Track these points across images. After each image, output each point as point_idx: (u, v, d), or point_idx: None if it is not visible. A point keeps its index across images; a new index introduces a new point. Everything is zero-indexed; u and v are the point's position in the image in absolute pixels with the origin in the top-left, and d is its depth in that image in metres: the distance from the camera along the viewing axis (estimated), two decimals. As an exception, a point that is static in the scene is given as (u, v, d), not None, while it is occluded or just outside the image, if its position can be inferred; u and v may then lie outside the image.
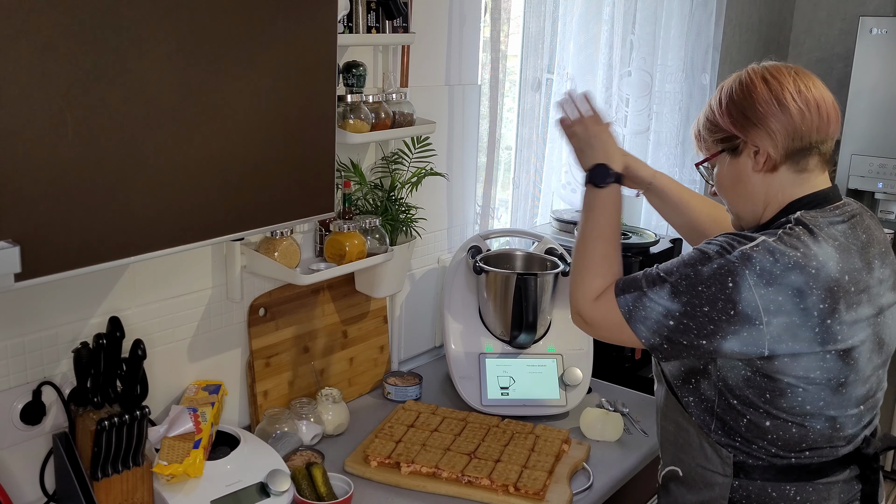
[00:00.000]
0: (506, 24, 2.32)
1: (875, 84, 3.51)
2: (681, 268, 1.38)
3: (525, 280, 2.00)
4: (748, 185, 1.46)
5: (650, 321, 1.39)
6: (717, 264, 1.35)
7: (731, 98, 1.46)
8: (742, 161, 1.45)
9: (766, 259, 1.32)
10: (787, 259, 1.32)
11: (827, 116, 1.41)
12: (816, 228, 1.38)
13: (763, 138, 1.41)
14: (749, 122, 1.42)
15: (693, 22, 3.09)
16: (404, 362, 2.28)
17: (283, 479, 1.55)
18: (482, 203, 2.40)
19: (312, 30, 1.40)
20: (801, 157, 1.42)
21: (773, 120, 1.40)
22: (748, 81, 1.46)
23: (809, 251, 1.34)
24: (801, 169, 1.43)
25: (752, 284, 1.32)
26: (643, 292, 1.40)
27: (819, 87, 1.43)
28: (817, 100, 1.41)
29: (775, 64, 1.48)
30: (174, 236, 1.27)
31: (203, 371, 1.77)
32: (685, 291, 1.36)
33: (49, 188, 1.09)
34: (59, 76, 1.07)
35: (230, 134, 1.31)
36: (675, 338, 1.38)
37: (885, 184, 3.55)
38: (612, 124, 1.66)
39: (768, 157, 1.41)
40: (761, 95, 1.42)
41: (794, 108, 1.39)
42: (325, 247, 1.85)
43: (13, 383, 1.45)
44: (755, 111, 1.42)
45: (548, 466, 1.72)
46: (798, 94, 1.40)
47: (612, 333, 1.46)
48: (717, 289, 1.33)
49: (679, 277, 1.37)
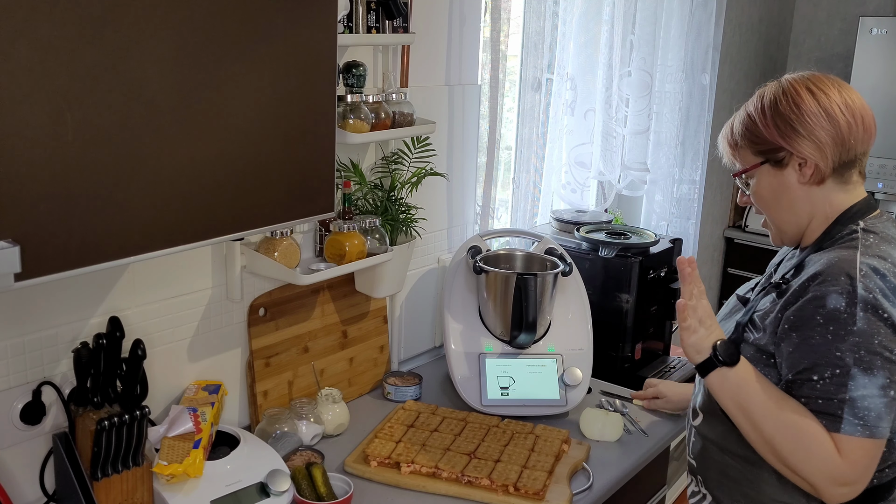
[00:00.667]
0: (506, 24, 2.32)
1: (875, 84, 3.51)
2: (839, 346, 1.32)
3: (525, 280, 2.00)
4: (792, 197, 1.45)
5: (880, 408, 1.31)
6: (861, 311, 1.31)
7: (776, 108, 1.43)
8: (787, 173, 1.44)
9: (877, 280, 1.33)
10: (888, 270, 1.35)
11: (869, 130, 1.43)
12: (884, 234, 1.40)
13: (812, 150, 1.40)
14: (797, 134, 1.40)
15: (693, 22, 3.09)
16: (404, 362, 2.29)
17: (283, 479, 1.55)
18: (482, 203, 2.40)
19: (312, 30, 1.40)
20: (846, 169, 1.43)
21: (822, 132, 1.39)
22: (793, 92, 1.43)
23: (893, 258, 1.37)
24: (845, 181, 1.44)
25: (888, 306, 1.32)
26: (847, 400, 1.31)
27: (861, 99, 1.44)
28: (862, 112, 1.42)
29: (816, 74, 1.46)
30: (174, 236, 1.27)
31: (203, 371, 1.77)
32: (868, 357, 1.31)
33: (49, 188, 1.09)
34: (59, 76, 1.07)
35: (230, 134, 1.31)
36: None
37: (885, 184, 3.55)
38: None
39: (816, 170, 1.41)
40: (809, 107, 1.40)
41: (842, 120, 1.39)
42: (325, 247, 1.85)
43: (13, 383, 1.45)
44: (804, 122, 1.40)
45: (548, 466, 1.72)
46: (846, 107, 1.40)
47: (875, 462, 1.35)
48: (881, 329, 1.31)
49: (850, 354, 1.31)
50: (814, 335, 1.34)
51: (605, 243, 2.35)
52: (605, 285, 2.32)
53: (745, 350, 1.46)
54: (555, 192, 2.80)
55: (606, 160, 2.84)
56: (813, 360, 1.33)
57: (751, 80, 3.97)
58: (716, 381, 1.43)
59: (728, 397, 1.42)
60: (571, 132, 2.76)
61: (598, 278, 2.33)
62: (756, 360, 1.44)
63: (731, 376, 1.41)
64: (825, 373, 1.32)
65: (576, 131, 2.76)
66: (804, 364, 1.35)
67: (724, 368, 1.42)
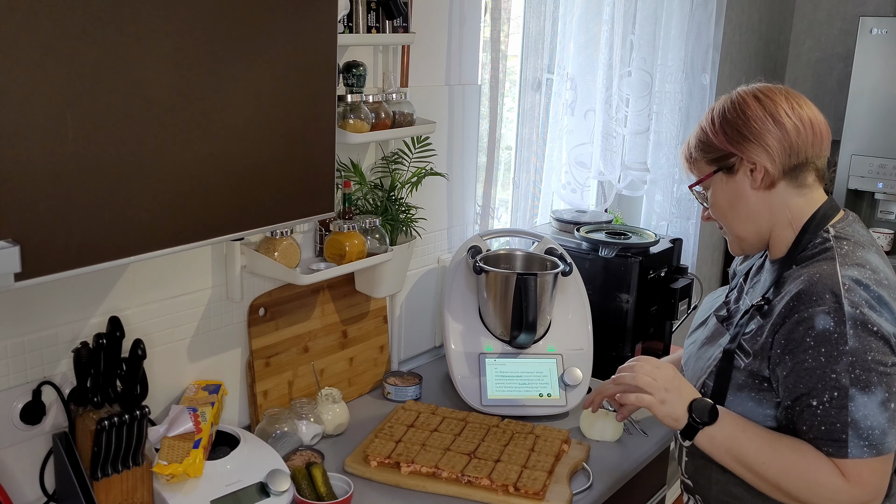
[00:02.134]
0: (506, 24, 2.32)
1: (875, 84, 3.51)
2: (834, 367, 1.30)
3: (525, 280, 2.00)
4: (747, 204, 1.45)
5: (883, 424, 1.30)
6: (850, 329, 1.30)
7: (725, 117, 1.45)
8: (738, 179, 1.44)
9: (861, 293, 1.32)
10: (870, 279, 1.34)
11: (820, 134, 1.43)
12: (856, 239, 1.39)
13: (760, 154, 1.41)
14: (744, 139, 1.42)
15: (693, 22, 3.09)
16: (404, 362, 2.29)
17: (283, 479, 1.55)
18: (482, 203, 2.40)
19: (312, 30, 1.40)
20: (798, 172, 1.43)
21: (768, 135, 1.40)
22: (740, 100, 1.45)
23: (872, 264, 1.36)
24: (800, 184, 1.44)
25: (876, 318, 1.31)
26: (850, 423, 1.30)
27: (811, 106, 1.45)
28: (810, 117, 1.42)
29: (767, 85, 1.48)
30: (174, 236, 1.27)
31: (203, 371, 1.77)
32: (864, 374, 1.30)
33: (49, 188, 1.09)
34: (59, 76, 1.07)
35: (230, 134, 1.31)
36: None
37: (885, 184, 3.55)
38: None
39: (766, 173, 1.41)
40: (755, 112, 1.42)
41: (788, 123, 1.40)
42: (325, 247, 1.85)
43: (13, 383, 1.45)
44: (750, 127, 1.41)
45: (548, 466, 1.72)
46: (791, 111, 1.41)
47: (887, 477, 1.34)
48: (872, 343, 1.30)
49: (846, 375, 1.30)
50: (806, 358, 1.33)
51: (605, 243, 2.35)
52: (605, 285, 2.32)
53: (736, 376, 1.44)
54: (555, 192, 2.80)
55: (606, 160, 2.84)
56: (809, 385, 1.32)
57: (751, 80, 3.96)
58: (704, 442, 1.42)
59: (721, 454, 1.41)
60: (571, 132, 2.76)
61: (598, 278, 2.33)
62: (749, 385, 1.42)
63: (718, 434, 1.40)
64: (823, 397, 1.31)
65: (576, 131, 2.76)
66: (801, 389, 1.33)
67: (708, 428, 1.40)
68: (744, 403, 1.43)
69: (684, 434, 1.44)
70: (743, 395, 1.43)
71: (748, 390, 1.42)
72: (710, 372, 1.49)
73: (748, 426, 1.40)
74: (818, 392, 1.31)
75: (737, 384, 1.43)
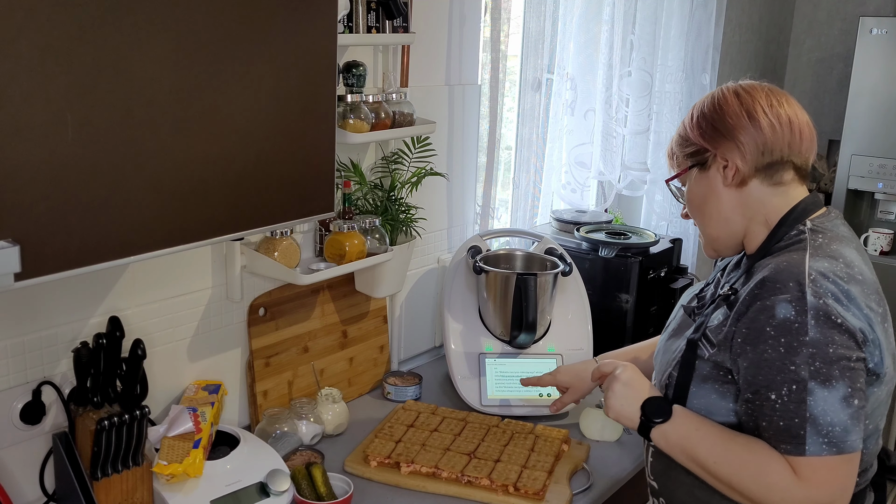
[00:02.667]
0: (506, 24, 2.32)
1: (875, 84, 3.51)
2: (793, 359, 1.26)
3: (525, 280, 2.00)
4: (720, 201, 1.42)
5: (845, 421, 1.24)
6: (812, 319, 1.25)
7: (703, 112, 1.44)
8: (711, 175, 1.42)
9: (827, 285, 1.27)
10: (841, 273, 1.30)
11: (800, 133, 1.39)
12: (833, 233, 1.36)
13: (732, 150, 1.38)
14: (718, 134, 1.40)
15: (693, 22, 3.09)
16: (404, 362, 2.29)
17: (283, 479, 1.56)
18: (482, 203, 2.40)
19: (312, 30, 1.40)
20: (773, 170, 1.39)
21: (742, 132, 1.37)
22: (720, 96, 1.43)
23: (846, 258, 1.32)
24: (775, 182, 1.40)
25: (841, 311, 1.27)
26: (808, 418, 1.24)
27: (793, 105, 1.41)
28: (789, 116, 1.38)
29: (751, 82, 1.45)
30: (174, 236, 1.27)
31: (203, 371, 1.77)
32: (824, 367, 1.25)
33: (49, 188, 1.09)
34: (59, 76, 1.07)
35: (230, 134, 1.31)
36: (864, 400, 1.27)
37: (885, 184, 3.55)
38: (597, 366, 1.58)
39: (737, 171, 1.39)
40: (732, 108, 1.40)
41: (764, 121, 1.37)
42: (325, 247, 1.85)
43: (13, 383, 1.45)
44: (725, 123, 1.39)
45: (547, 466, 1.72)
46: (770, 108, 1.38)
47: (850, 478, 1.28)
48: (835, 336, 1.25)
49: (805, 367, 1.25)
50: (766, 349, 1.28)
51: (605, 243, 2.35)
52: (605, 285, 2.32)
53: (700, 367, 1.40)
54: (555, 192, 2.80)
55: (606, 160, 2.84)
56: (768, 378, 1.28)
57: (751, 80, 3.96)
58: (658, 439, 1.40)
59: (677, 452, 1.39)
60: (571, 132, 2.76)
61: (598, 278, 2.33)
62: (713, 377, 1.38)
63: (671, 432, 1.38)
64: (782, 390, 1.26)
65: (576, 131, 2.76)
66: (760, 382, 1.29)
67: (662, 425, 1.39)
68: (707, 396, 1.39)
69: (640, 432, 1.43)
70: (707, 386, 1.39)
71: (712, 382, 1.38)
72: (675, 363, 1.45)
73: (703, 424, 1.37)
74: (777, 385, 1.27)
75: (701, 375, 1.40)
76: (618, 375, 1.47)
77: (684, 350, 1.43)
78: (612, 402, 1.46)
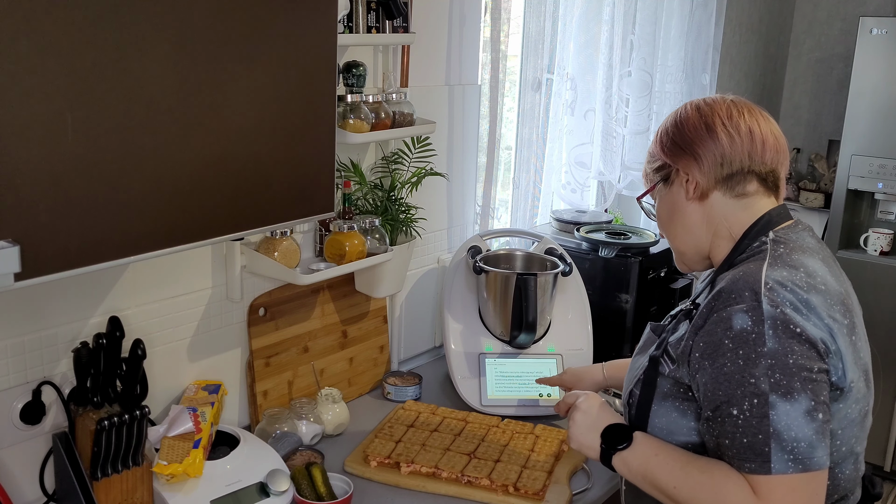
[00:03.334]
0: (506, 24, 2.32)
1: (875, 84, 3.51)
2: (752, 371, 1.21)
3: (525, 280, 2.00)
4: (684, 216, 1.41)
5: (810, 436, 1.19)
6: (769, 329, 1.21)
7: (666, 128, 1.44)
8: (675, 190, 1.41)
9: (785, 294, 1.24)
10: (800, 282, 1.26)
11: (762, 143, 1.36)
12: (797, 244, 1.33)
13: (691, 164, 1.38)
14: (678, 149, 1.39)
15: (693, 22, 3.09)
16: (404, 362, 2.29)
17: (283, 479, 1.56)
18: (482, 203, 2.40)
19: (312, 30, 1.40)
20: (735, 182, 1.37)
21: (700, 145, 1.37)
22: (683, 111, 1.43)
23: (808, 268, 1.29)
24: (738, 194, 1.38)
25: (800, 320, 1.23)
26: (772, 433, 1.19)
27: (757, 116, 1.38)
28: (749, 126, 1.36)
29: (715, 96, 1.44)
30: (174, 236, 1.27)
31: (203, 371, 1.77)
32: (784, 380, 1.20)
33: (49, 188, 1.09)
34: (59, 76, 1.07)
35: (230, 134, 1.31)
36: (828, 414, 1.22)
37: (885, 184, 3.55)
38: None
39: (697, 184, 1.38)
40: (691, 122, 1.39)
41: (722, 133, 1.36)
42: (325, 247, 1.85)
43: (13, 383, 1.45)
44: (684, 137, 1.39)
45: (547, 466, 1.72)
46: (729, 120, 1.36)
47: (816, 497, 1.22)
48: (794, 346, 1.21)
49: (765, 379, 1.20)
50: (725, 362, 1.23)
51: (605, 243, 2.35)
52: (605, 285, 2.32)
53: (662, 384, 1.37)
54: (555, 192, 2.80)
55: (606, 160, 2.85)
56: (728, 392, 1.22)
57: (751, 79, 3.97)
58: (620, 466, 1.37)
59: (639, 479, 1.35)
60: (571, 132, 2.76)
61: (598, 278, 2.33)
62: (673, 394, 1.35)
63: (631, 459, 1.35)
64: (743, 404, 1.21)
65: (576, 131, 2.76)
66: (720, 398, 1.23)
67: (622, 452, 1.35)
68: (668, 414, 1.35)
69: (602, 461, 1.39)
70: (668, 404, 1.35)
71: (672, 399, 1.35)
72: (637, 380, 1.42)
73: (662, 449, 1.33)
74: (737, 399, 1.21)
75: (662, 392, 1.36)
76: (578, 405, 1.46)
77: (646, 367, 1.40)
78: (572, 432, 1.45)
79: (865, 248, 3.65)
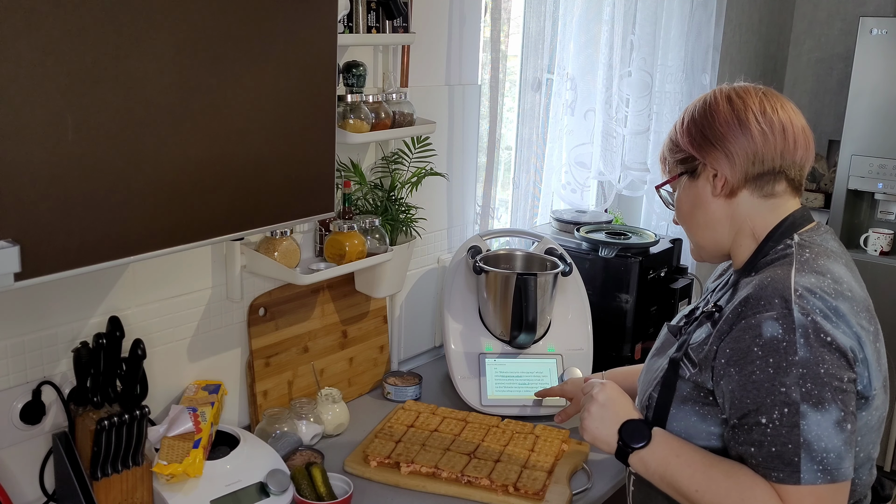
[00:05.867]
0: (506, 24, 2.32)
1: (875, 84, 3.51)
2: (783, 380, 1.18)
3: (525, 280, 2.00)
4: (707, 211, 1.37)
5: (839, 447, 1.17)
6: (800, 337, 1.18)
7: (693, 117, 1.37)
8: (700, 185, 1.36)
9: (814, 301, 1.21)
10: (828, 289, 1.24)
11: (794, 141, 1.31)
12: (822, 248, 1.31)
13: (721, 160, 1.32)
14: (707, 143, 1.34)
15: (693, 22, 3.09)
16: (404, 362, 2.29)
17: (283, 479, 1.56)
18: (482, 203, 2.40)
19: (312, 30, 1.40)
20: (764, 181, 1.33)
21: (732, 141, 1.31)
22: (712, 101, 1.36)
23: (834, 274, 1.27)
24: (766, 194, 1.33)
25: (830, 328, 1.20)
26: (802, 444, 1.17)
27: (788, 109, 1.34)
28: (783, 122, 1.31)
29: (745, 85, 1.38)
30: (174, 236, 1.27)
31: (203, 371, 1.77)
32: (816, 389, 1.17)
33: (49, 188, 1.09)
34: (59, 76, 1.07)
35: (230, 134, 1.31)
36: (855, 424, 1.21)
37: (885, 184, 3.55)
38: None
39: (726, 181, 1.33)
40: (722, 115, 1.33)
41: (756, 129, 1.30)
42: (325, 247, 1.85)
43: (13, 383, 1.45)
44: (714, 131, 1.33)
45: (547, 466, 1.72)
46: (762, 115, 1.31)
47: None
48: (825, 355, 1.19)
49: (796, 388, 1.18)
50: (754, 370, 1.20)
51: (605, 243, 2.35)
52: (605, 285, 2.32)
53: (682, 387, 1.34)
54: (555, 192, 2.80)
55: (606, 160, 2.85)
56: (757, 401, 1.20)
57: (751, 79, 3.96)
58: (637, 465, 1.33)
59: (656, 479, 1.32)
60: (571, 132, 2.76)
61: (598, 278, 2.33)
62: (693, 398, 1.32)
63: (650, 458, 1.31)
64: (773, 413, 1.18)
65: (576, 131, 2.76)
66: (748, 405, 1.21)
67: (640, 451, 1.32)
68: (687, 418, 1.32)
69: (618, 457, 1.36)
70: (687, 408, 1.33)
71: (692, 403, 1.32)
72: (656, 383, 1.39)
73: (683, 450, 1.30)
74: (767, 408, 1.19)
75: (681, 396, 1.33)
76: (595, 395, 1.40)
77: (666, 369, 1.37)
78: (587, 424, 1.39)
79: (865, 248, 3.65)
